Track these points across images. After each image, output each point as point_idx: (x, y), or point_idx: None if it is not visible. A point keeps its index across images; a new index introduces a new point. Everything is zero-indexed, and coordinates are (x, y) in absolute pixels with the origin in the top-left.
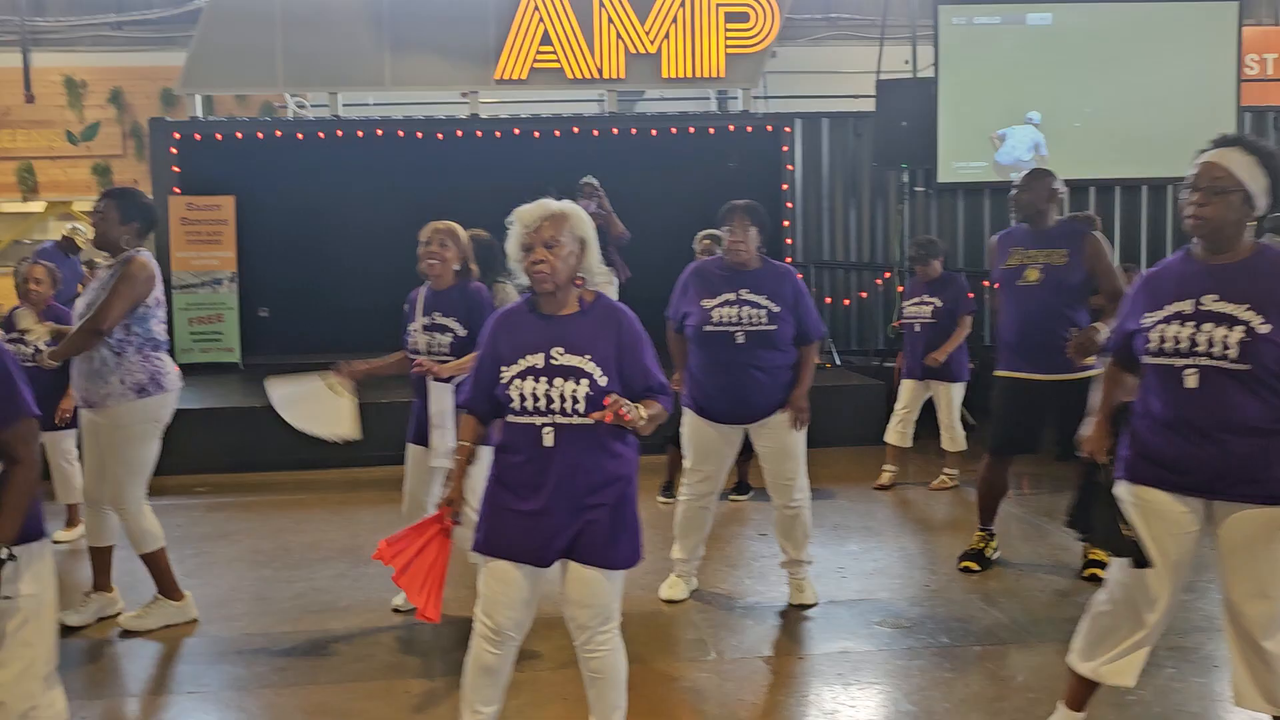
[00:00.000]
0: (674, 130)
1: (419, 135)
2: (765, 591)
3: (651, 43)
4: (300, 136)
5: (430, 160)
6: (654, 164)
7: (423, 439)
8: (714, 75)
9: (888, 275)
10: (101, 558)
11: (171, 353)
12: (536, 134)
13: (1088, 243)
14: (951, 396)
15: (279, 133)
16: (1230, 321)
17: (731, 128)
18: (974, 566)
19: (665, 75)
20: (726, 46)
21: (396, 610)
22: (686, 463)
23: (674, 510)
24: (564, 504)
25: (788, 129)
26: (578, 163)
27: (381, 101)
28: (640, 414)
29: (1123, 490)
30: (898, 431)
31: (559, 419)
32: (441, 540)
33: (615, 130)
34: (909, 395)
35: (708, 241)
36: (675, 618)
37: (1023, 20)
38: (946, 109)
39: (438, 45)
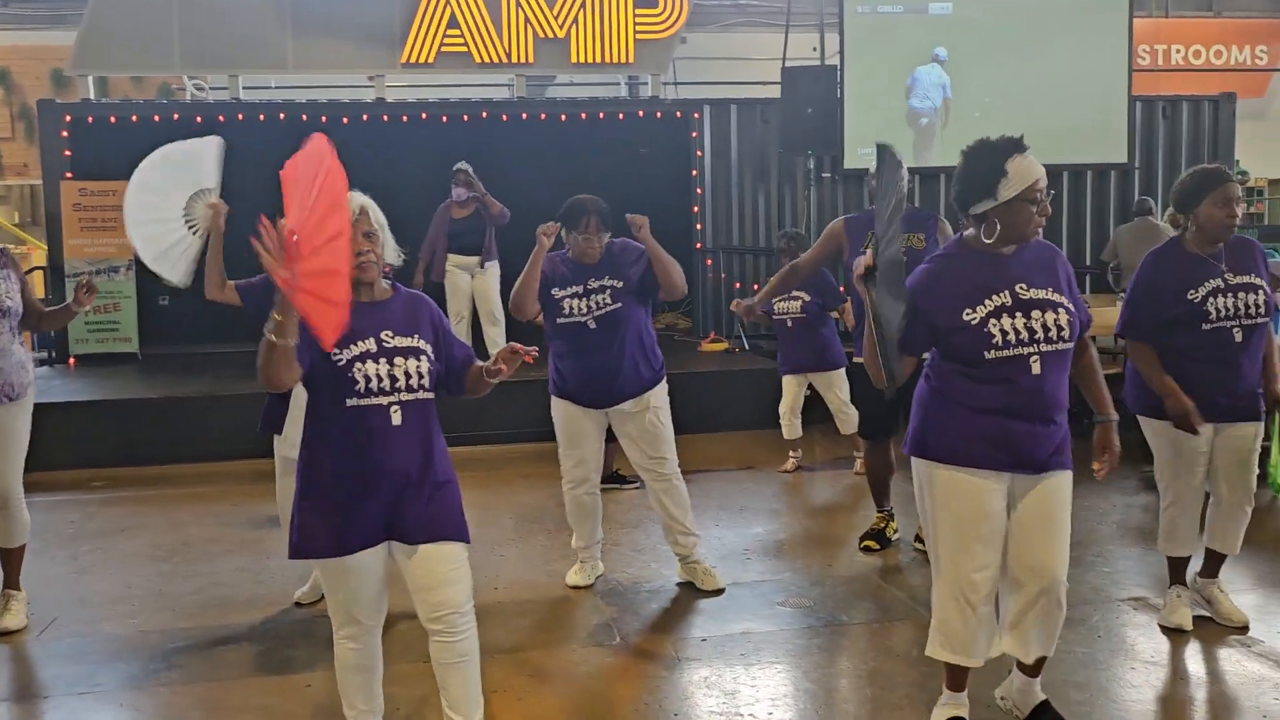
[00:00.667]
0: (584, 116)
1: (323, 119)
2: (670, 576)
3: (560, 27)
4: (199, 120)
5: (334, 145)
6: (564, 149)
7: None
8: (623, 61)
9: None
10: (19, 556)
11: (65, 343)
12: (444, 119)
13: (939, 227)
14: (834, 382)
15: (176, 116)
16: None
17: (641, 114)
18: (874, 546)
19: (574, 60)
20: (636, 32)
21: (298, 604)
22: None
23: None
24: (412, 483)
25: (696, 115)
26: (486, 148)
27: (285, 84)
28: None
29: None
30: (789, 426)
31: (404, 396)
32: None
33: (524, 115)
34: (793, 392)
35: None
36: (580, 603)
37: (925, 10)
38: (852, 96)
39: (342, 27)
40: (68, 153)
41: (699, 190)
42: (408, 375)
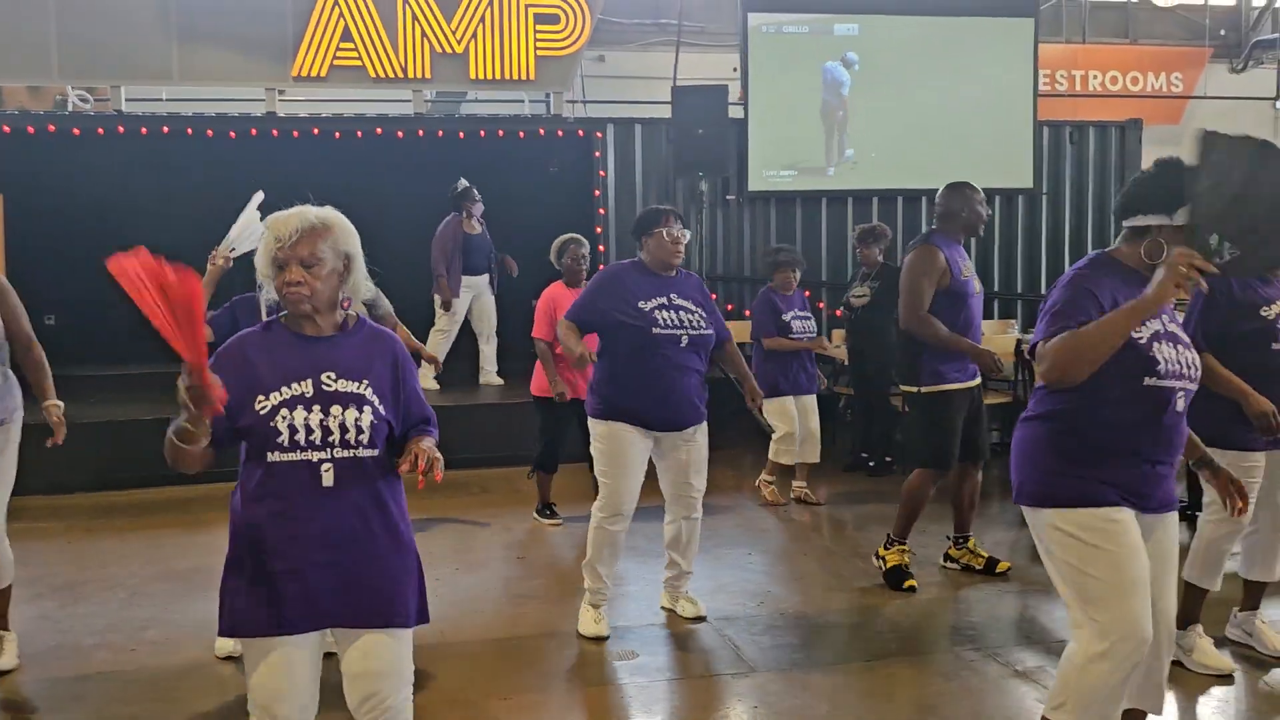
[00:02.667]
0: (482, 133)
1: (209, 133)
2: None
3: (459, 42)
4: (77, 131)
5: (224, 160)
6: (462, 167)
7: None
8: (523, 78)
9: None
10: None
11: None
12: (338, 134)
13: None
14: (813, 406)
15: (52, 127)
16: None
17: (542, 131)
18: (914, 584)
19: (473, 76)
20: (537, 49)
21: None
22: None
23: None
24: (346, 555)
25: (599, 134)
26: (382, 165)
27: (177, 98)
28: (436, 453)
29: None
30: (791, 453)
31: (339, 453)
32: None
33: (421, 132)
34: (792, 415)
35: (573, 246)
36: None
37: (830, 30)
38: (756, 117)
39: (232, 38)
40: None
41: (601, 210)
42: (344, 428)
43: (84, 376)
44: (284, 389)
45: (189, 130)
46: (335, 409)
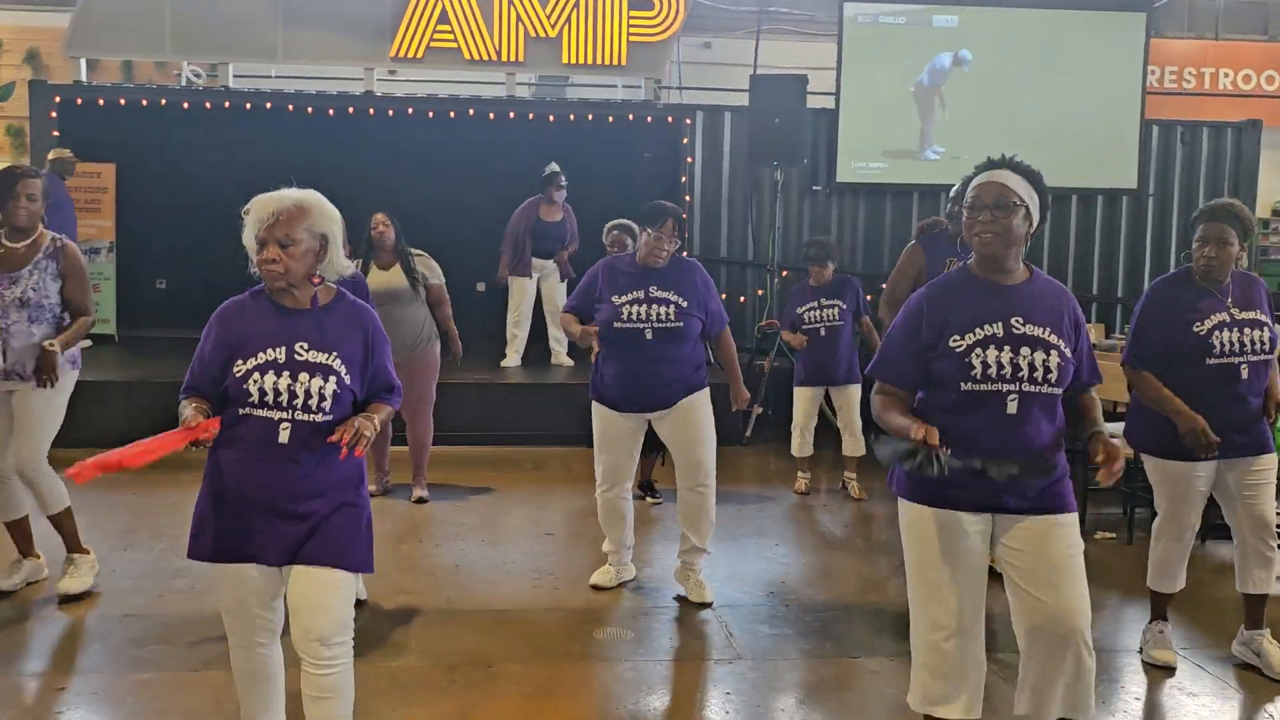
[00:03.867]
0: (573, 117)
1: (309, 111)
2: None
3: (552, 27)
4: (186, 105)
5: (323, 137)
6: (552, 150)
7: None
8: (615, 63)
9: (784, 274)
10: (22, 528)
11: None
12: (431, 114)
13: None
14: (853, 398)
15: (164, 101)
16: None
17: (631, 117)
18: None
19: (566, 61)
20: (629, 34)
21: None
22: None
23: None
24: (299, 504)
25: (689, 121)
26: (475, 146)
27: (285, 74)
28: (373, 429)
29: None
30: (802, 443)
31: (298, 415)
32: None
33: (512, 114)
34: (806, 406)
35: (616, 233)
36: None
37: (928, 22)
38: (849, 108)
39: (333, 18)
40: (56, 133)
41: (687, 198)
42: (308, 394)
43: (190, 339)
44: (260, 355)
45: (290, 107)
46: (303, 376)
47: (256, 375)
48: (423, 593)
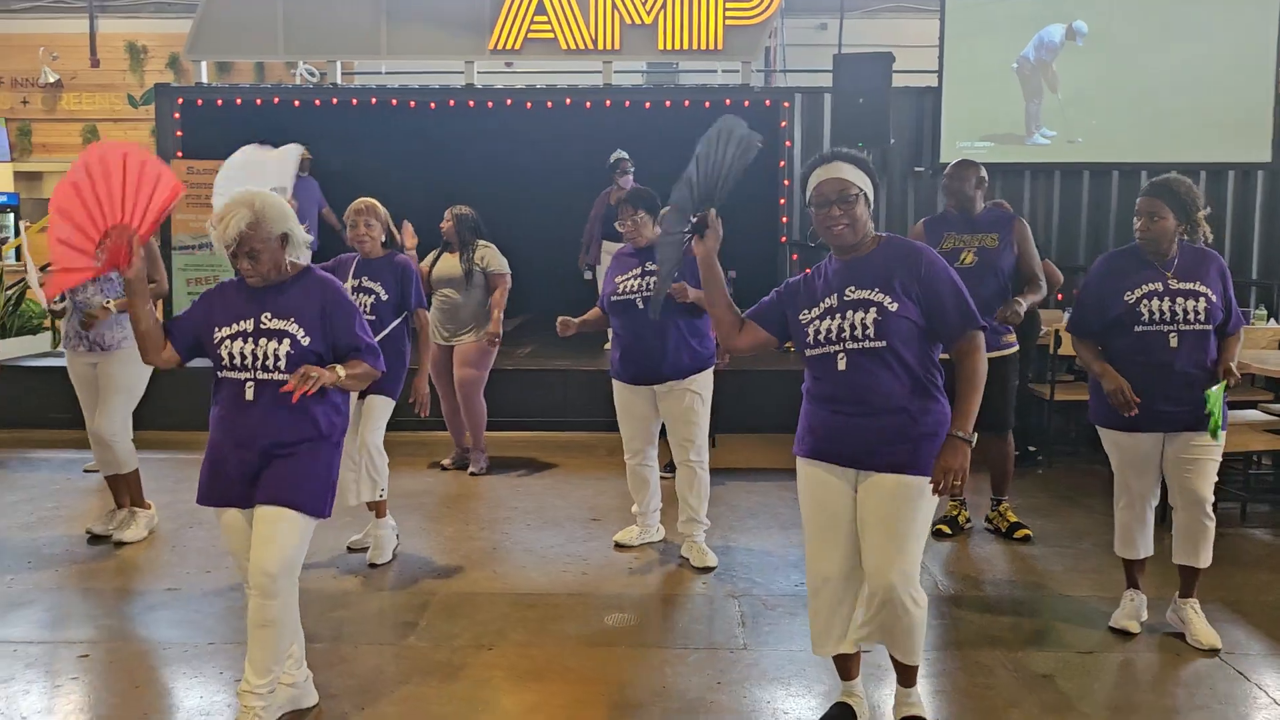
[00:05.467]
0: (668, 103)
1: (411, 105)
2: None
3: (648, 13)
4: (297, 104)
5: (426, 130)
6: (648, 137)
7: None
8: (711, 47)
9: None
10: (130, 481)
11: (169, 311)
12: (529, 104)
13: (1016, 227)
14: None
15: (277, 100)
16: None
17: (728, 102)
18: (945, 530)
19: (661, 47)
20: (726, 18)
21: (350, 549)
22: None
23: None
24: (261, 453)
25: (787, 104)
26: (572, 135)
27: (396, 70)
28: (331, 377)
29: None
30: None
31: (259, 375)
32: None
33: (608, 102)
34: None
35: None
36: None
37: None
38: (951, 85)
39: (434, 14)
40: (179, 133)
41: (786, 182)
42: (264, 356)
43: None
44: (232, 325)
45: (394, 102)
46: (264, 340)
47: (227, 342)
48: (452, 574)
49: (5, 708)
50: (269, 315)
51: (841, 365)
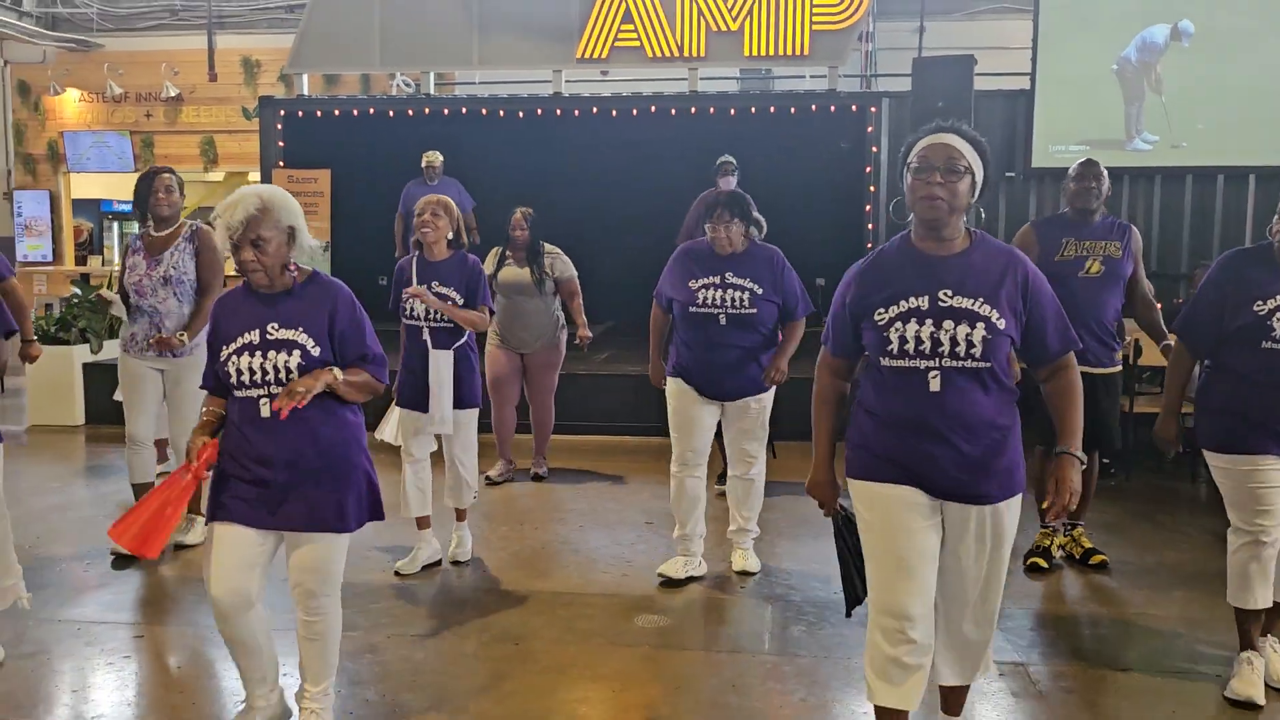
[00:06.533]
0: (754, 110)
1: (500, 113)
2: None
3: (734, 20)
4: (391, 114)
5: (514, 138)
6: (733, 144)
7: (417, 404)
8: (798, 53)
9: None
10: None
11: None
12: (614, 112)
13: (1133, 236)
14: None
15: (372, 110)
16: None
17: (815, 108)
18: (1041, 564)
19: (747, 53)
20: (813, 23)
21: (398, 574)
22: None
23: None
24: (283, 472)
25: (874, 109)
26: (659, 142)
27: (489, 80)
28: (326, 378)
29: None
30: None
31: (274, 389)
32: (183, 488)
33: (694, 109)
34: None
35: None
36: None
37: None
38: (1046, 88)
39: (523, 24)
40: (281, 143)
41: (872, 188)
42: (276, 370)
43: (393, 330)
44: (239, 339)
45: (484, 111)
46: (272, 353)
47: (234, 358)
48: (497, 572)
49: (61, 681)
50: (275, 325)
51: (935, 385)
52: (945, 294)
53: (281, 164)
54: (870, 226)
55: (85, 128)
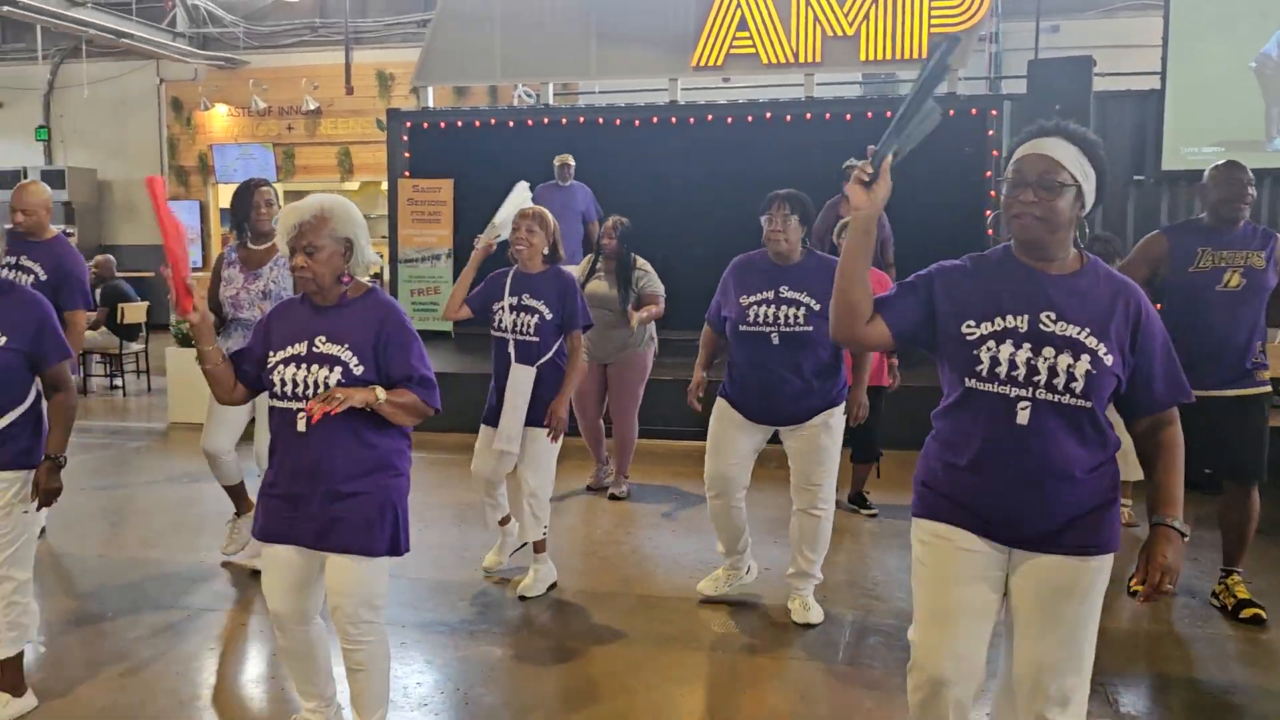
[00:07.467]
0: (869, 115)
1: (617, 122)
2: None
3: (850, 25)
4: (511, 124)
5: (632, 147)
6: (851, 148)
7: (494, 420)
8: (915, 56)
9: None
10: (239, 491)
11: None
12: (729, 120)
13: (1278, 244)
14: None
15: (494, 121)
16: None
17: None
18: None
19: (863, 58)
20: (931, 25)
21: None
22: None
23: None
24: (317, 489)
25: (994, 112)
26: (774, 149)
27: (612, 90)
28: (366, 396)
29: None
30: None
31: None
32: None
33: (809, 115)
34: None
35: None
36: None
37: None
38: (1178, 87)
39: (639, 34)
40: (407, 154)
41: (993, 193)
42: (315, 384)
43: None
44: (286, 349)
45: (600, 120)
46: (314, 367)
47: (280, 367)
48: (579, 572)
49: (168, 664)
50: (323, 339)
51: (1023, 418)
52: (1048, 317)
53: (407, 174)
54: (990, 233)
55: (232, 141)
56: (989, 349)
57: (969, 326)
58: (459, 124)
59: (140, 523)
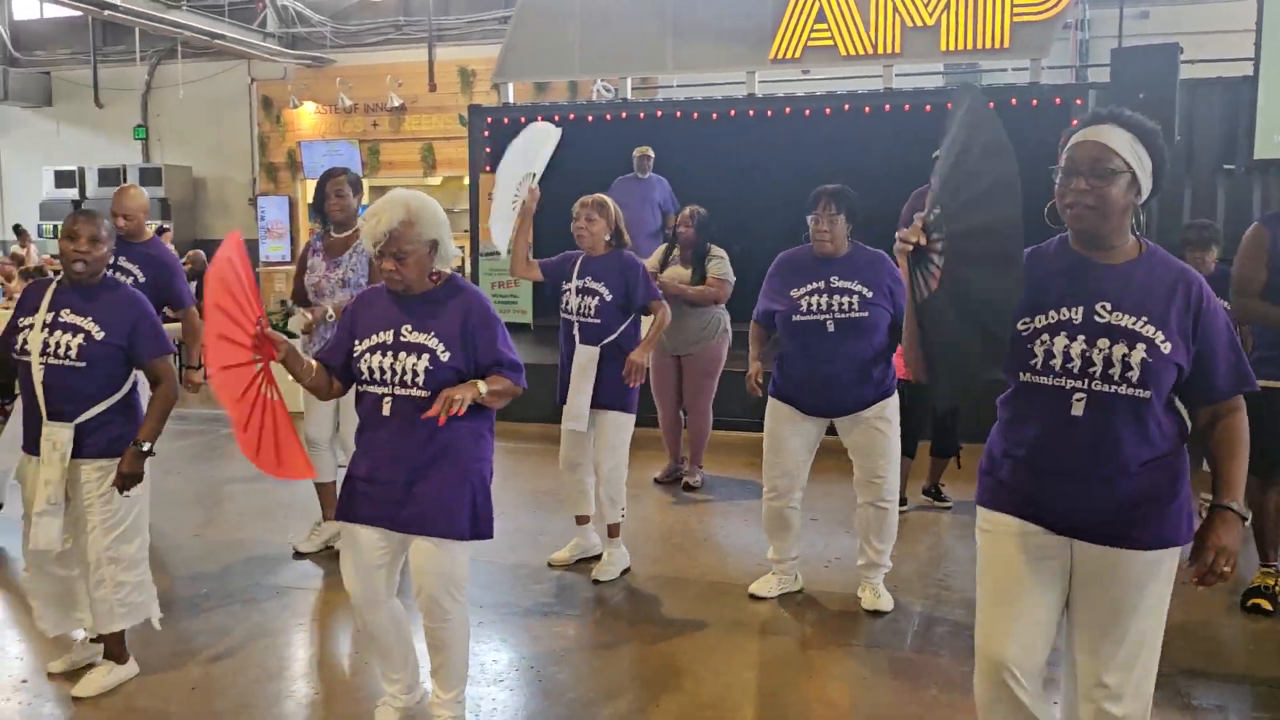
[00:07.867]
0: (949, 106)
1: (695, 116)
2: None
3: (930, 15)
4: (590, 119)
5: (709, 140)
6: (930, 141)
7: (564, 400)
8: (997, 46)
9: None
10: (328, 491)
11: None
12: (808, 112)
13: None
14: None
15: (572, 116)
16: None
17: (1014, 101)
18: (1265, 605)
19: (944, 48)
20: (1014, 15)
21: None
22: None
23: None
24: (400, 472)
25: (1079, 101)
26: (854, 140)
27: (691, 83)
28: (472, 393)
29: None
30: None
31: (397, 390)
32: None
33: (887, 107)
34: None
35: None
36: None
37: None
38: (1270, 72)
39: (716, 28)
40: (488, 150)
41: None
42: (403, 371)
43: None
44: (373, 337)
45: (678, 114)
46: (402, 355)
47: (367, 355)
48: (650, 559)
49: (258, 640)
50: (409, 328)
51: (1078, 409)
52: (1103, 308)
53: (488, 168)
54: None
55: (319, 137)
56: (1043, 342)
57: (1024, 323)
58: (539, 119)
59: (233, 506)
